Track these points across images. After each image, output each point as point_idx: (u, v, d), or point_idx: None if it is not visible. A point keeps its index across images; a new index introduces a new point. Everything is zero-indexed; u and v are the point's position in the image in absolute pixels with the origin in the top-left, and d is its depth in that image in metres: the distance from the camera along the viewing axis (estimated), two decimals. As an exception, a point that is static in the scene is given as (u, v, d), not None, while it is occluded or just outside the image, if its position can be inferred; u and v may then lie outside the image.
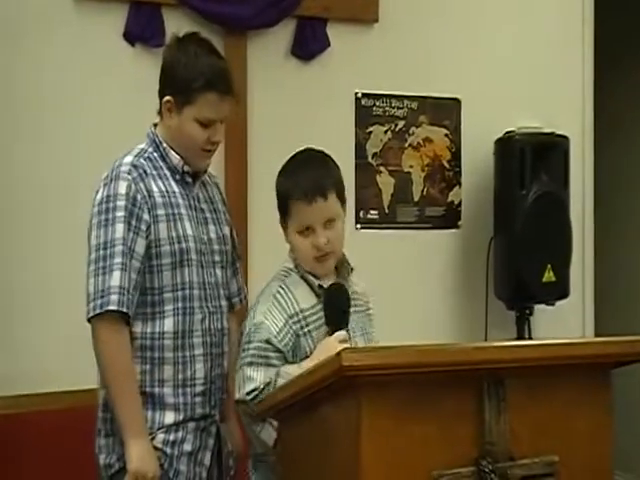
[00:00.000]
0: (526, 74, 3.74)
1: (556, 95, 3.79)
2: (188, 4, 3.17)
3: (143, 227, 2.10)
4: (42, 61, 3.04)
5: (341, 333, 2.05)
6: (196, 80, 2.12)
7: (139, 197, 2.11)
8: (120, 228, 2.07)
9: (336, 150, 2.26)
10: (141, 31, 3.13)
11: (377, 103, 3.52)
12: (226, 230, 2.35)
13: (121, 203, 2.09)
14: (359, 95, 3.50)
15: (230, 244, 2.36)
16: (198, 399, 2.17)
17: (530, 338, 3.46)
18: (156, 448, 2.11)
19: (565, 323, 3.68)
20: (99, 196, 2.13)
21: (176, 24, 3.13)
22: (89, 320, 2.06)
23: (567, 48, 3.85)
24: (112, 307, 2.02)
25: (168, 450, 2.13)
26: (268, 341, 2.04)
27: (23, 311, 2.98)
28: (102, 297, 2.03)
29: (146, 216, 2.11)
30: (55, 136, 3.05)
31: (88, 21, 3.09)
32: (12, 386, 2.84)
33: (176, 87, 2.16)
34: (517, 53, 3.74)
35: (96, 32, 3.10)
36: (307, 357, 2.05)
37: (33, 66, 3.03)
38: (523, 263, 3.42)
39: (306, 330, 2.08)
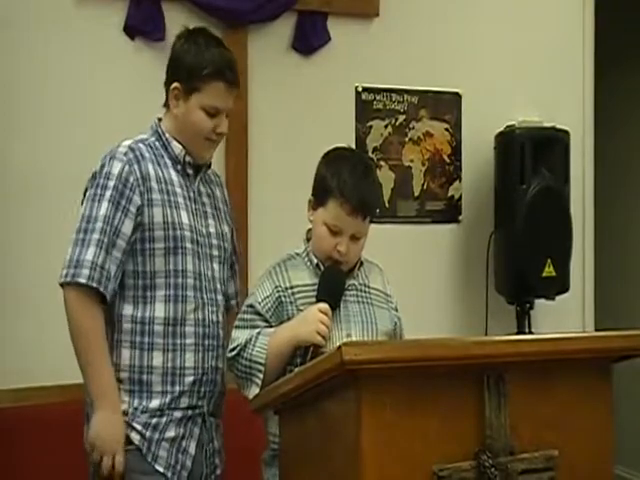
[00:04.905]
0: (526, 68, 3.74)
1: (557, 89, 3.79)
2: (188, -2, 3.16)
3: (132, 209, 2.14)
4: (42, 55, 3.03)
5: (324, 305, 2.08)
6: (205, 68, 2.16)
7: (131, 179, 2.15)
8: (105, 206, 2.12)
9: (336, 144, 2.26)
10: (141, 25, 3.13)
11: (377, 97, 3.52)
12: (226, 229, 2.37)
13: (112, 183, 2.14)
14: (359, 89, 3.50)
15: (230, 244, 2.38)
16: (186, 389, 2.18)
17: (530, 333, 3.46)
18: (135, 429, 2.13)
19: (565, 318, 3.69)
20: (94, 170, 2.20)
21: (176, 18, 3.14)
22: (61, 285, 2.14)
23: (568, 42, 3.84)
24: (82, 280, 2.09)
25: (148, 434, 2.14)
26: (252, 306, 2.16)
27: (23, 306, 2.98)
28: (75, 267, 2.10)
29: (137, 198, 2.15)
30: (55, 130, 3.05)
31: (88, 15, 3.08)
32: (11, 380, 2.85)
33: (184, 74, 2.19)
34: (518, 47, 3.73)
35: (96, 26, 3.09)
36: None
37: (33, 59, 3.03)
38: (523, 257, 3.42)
39: (292, 300, 2.14)
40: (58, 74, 3.06)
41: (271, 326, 2.13)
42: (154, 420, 2.15)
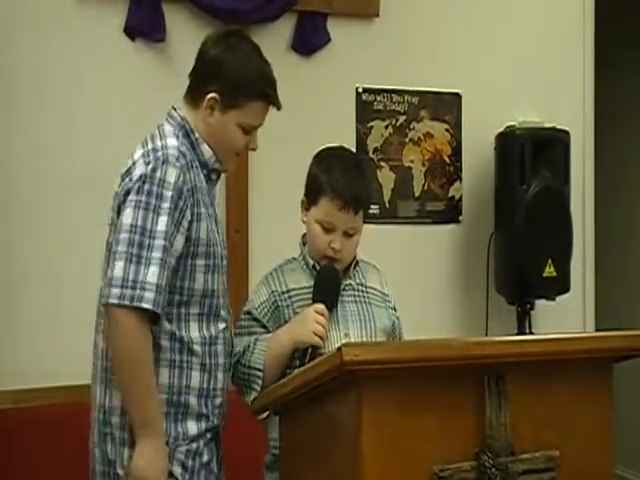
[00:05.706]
0: (527, 68, 3.74)
1: (557, 89, 3.79)
2: (188, -2, 3.16)
3: (185, 223, 1.96)
4: (42, 56, 3.03)
5: (320, 305, 2.08)
6: (250, 87, 2.06)
7: (185, 190, 1.96)
8: (164, 221, 1.90)
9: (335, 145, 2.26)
10: (141, 26, 3.12)
11: (378, 98, 3.52)
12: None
13: (168, 193, 1.92)
14: (360, 90, 3.50)
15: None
16: (217, 411, 2.10)
17: (531, 333, 3.46)
18: (177, 460, 2.01)
19: (566, 318, 3.69)
20: (141, 171, 1.95)
21: (176, 19, 3.15)
22: (107, 304, 1.87)
23: (568, 42, 3.84)
24: (146, 305, 1.86)
25: (190, 462, 2.03)
26: (249, 312, 2.17)
27: (23, 307, 2.98)
28: (134, 289, 1.85)
29: (188, 212, 1.97)
30: (56, 131, 3.04)
31: (88, 15, 3.08)
32: (11, 381, 2.85)
33: (225, 87, 2.05)
34: (518, 47, 3.73)
35: (96, 26, 3.09)
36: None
37: (33, 60, 3.02)
38: (524, 258, 3.42)
39: (289, 303, 2.15)
40: (58, 74, 3.05)
41: (269, 331, 2.13)
42: (194, 445, 2.04)
